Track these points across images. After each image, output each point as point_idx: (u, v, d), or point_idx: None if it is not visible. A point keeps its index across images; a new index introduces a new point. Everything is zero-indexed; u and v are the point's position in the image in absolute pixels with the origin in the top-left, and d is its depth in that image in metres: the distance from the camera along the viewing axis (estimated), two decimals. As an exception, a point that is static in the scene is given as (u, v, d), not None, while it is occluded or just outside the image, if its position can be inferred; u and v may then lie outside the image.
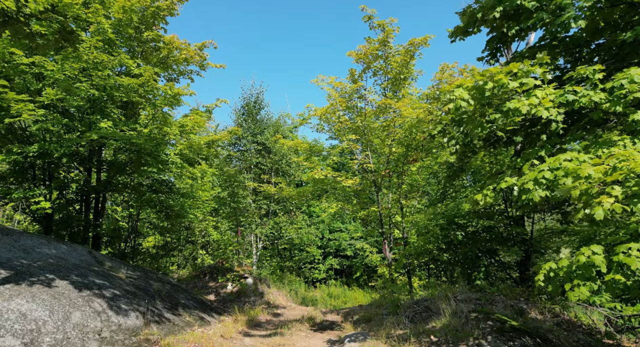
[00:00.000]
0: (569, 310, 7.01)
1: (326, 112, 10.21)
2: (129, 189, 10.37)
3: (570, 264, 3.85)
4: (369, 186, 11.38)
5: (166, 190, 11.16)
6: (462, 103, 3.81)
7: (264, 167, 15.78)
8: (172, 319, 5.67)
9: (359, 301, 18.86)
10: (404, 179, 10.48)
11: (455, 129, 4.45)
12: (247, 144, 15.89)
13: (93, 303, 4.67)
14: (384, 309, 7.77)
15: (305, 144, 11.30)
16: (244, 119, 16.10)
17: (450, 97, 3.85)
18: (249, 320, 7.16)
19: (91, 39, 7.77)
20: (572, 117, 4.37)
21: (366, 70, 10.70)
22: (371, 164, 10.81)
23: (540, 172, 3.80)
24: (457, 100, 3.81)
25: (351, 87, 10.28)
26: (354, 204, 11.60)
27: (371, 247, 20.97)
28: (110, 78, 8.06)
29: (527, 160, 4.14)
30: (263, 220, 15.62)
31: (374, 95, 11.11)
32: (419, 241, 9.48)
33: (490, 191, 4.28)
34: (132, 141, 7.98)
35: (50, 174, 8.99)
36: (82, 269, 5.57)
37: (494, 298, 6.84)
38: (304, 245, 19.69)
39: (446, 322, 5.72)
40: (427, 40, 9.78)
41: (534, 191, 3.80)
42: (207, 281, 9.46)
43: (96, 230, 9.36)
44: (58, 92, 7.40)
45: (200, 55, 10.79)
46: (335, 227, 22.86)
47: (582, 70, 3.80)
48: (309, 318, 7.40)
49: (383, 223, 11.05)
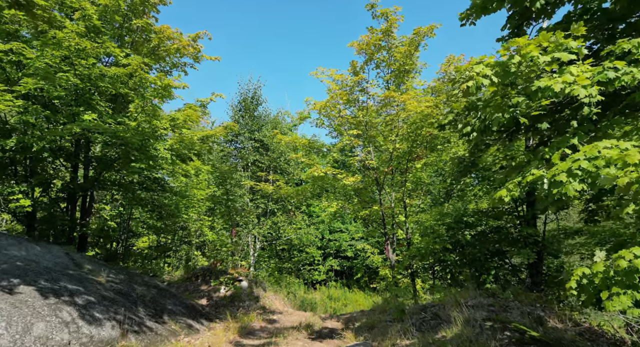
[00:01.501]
0: (586, 316, 6.47)
1: (326, 106, 9.66)
2: (118, 186, 9.82)
3: (607, 270, 3.32)
4: (370, 184, 10.83)
5: (159, 188, 10.62)
6: (484, 81, 3.26)
7: (262, 165, 15.22)
8: (154, 328, 5.12)
9: (359, 304, 18.29)
10: (408, 176, 9.93)
11: (472, 113, 3.91)
12: (244, 141, 15.32)
13: (61, 312, 4.12)
14: (388, 315, 7.23)
15: (304, 140, 10.75)
16: (240, 115, 15.54)
17: (469, 74, 3.31)
18: (242, 327, 6.61)
19: (73, 25, 7.23)
20: (607, 101, 3.83)
21: (368, 62, 10.16)
22: (373, 161, 10.26)
23: (575, 161, 3.25)
24: (478, 77, 3.27)
25: (352, 79, 9.73)
26: (355, 203, 11.05)
27: (372, 248, 20.41)
28: (95, 67, 7.53)
29: (556, 150, 3.59)
30: (261, 220, 15.06)
31: (376, 88, 10.57)
32: (423, 242, 8.93)
33: (514, 185, 3.73)
34: (118, 135, 7.44)
35: (32, 170, 8.46)
36: (55, 272, 5.02)
37: (507, 304, 6.28)
38: (303, 246, 19.14)
39: (458, 331, 5.18)
40: (433, 29, 9.25)
41: (568, 184, 3.25)
42: (200, 284, 8.92)
43: (82, 230, 8.80)
44: (37, 81, 6.85)
45: (194, 47, 10.27)
46: (335, 227, 22.33)
47: (625, 44, 3.26)
48: (306, 325, 6.85)
49: (385, 223, 10.49)
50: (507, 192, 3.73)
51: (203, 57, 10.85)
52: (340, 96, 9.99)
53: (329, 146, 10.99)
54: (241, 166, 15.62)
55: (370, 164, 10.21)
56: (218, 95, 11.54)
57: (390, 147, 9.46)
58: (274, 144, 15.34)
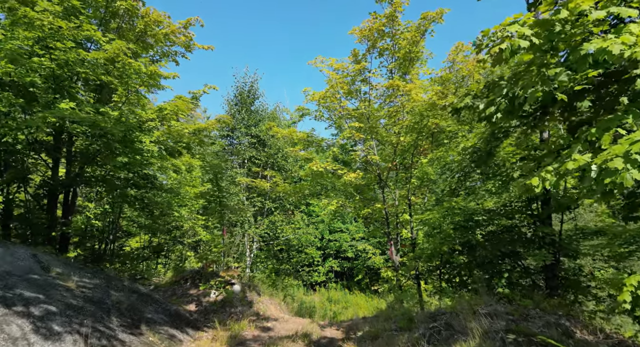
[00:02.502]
0: (617, 327, 5.82)
1: (325, 96, 9.00)
2: (102, 183, 9.17)
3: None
4: (372, 181, 10.17)
5: (148, 185, 9.98)
6: (521, 43, 2.61)
7: (258, 161, 14.54)
8: (128, 341, 4.46)
9: (360, 307, 17.61)
10: (413, 172, 9.26)
11: (496, 91, 3.25)
12: (240, 136, 14.65)
13: (10, 326, 3.47)
14: (393, 322, 6.57)
15: (302, 134, 10.09)
16: (237, 110, 14.86)
17: (503, 35, 2.65)
18: (232, 337, 5.96)
19: (48, 3, 6.58)
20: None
21: (371, 50, 9.49)
22: (376, 155, 9.61)
23: (634, 144, 2.61)
24: (514, 39, 2.61)
25: (354, 68, 9.07)
26: (356, 200, 10.39)
27: (374, 248, 19.76)
28: (72, 51, 6.87)
29: (606, 131, 2.94)
30: (257, 219, 14.40)
31: (379, 78, 9.91)
32: (430, 242, 8.28)
33: (550, 173, 3.08)
34: (97, 125, 6.79)
35: (6, 163, 7.81)
36: (13, 277, 4.36)
37: (527, 312, 5.63)
38: (302, 246, 18.48)
39: (476, 345, 4.53)
40: (442, 14, 8.59)
41: (624, 171, 2.61)
42: (189, 288, 8.27)
43: (62, 229, 8.16)
44: (4, 64, 6.20)
45: (186, 35, 9.63)
46: (335, 227, 21.70)
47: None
48: (303, 335, 6.20)
49: (389, 222, 9.84)
50: (538, 181, 3.08)
51: (195, 45, 10.22)
52: (340, 87, 9.34)
53: (329, 140, 10.30)
54: (237, 163, 14.95)
55: (373, 160, 9.56)
56: (211, 87, 10.88)
57: (395, 140, 8.81)
58: (271, 139, 14.66)
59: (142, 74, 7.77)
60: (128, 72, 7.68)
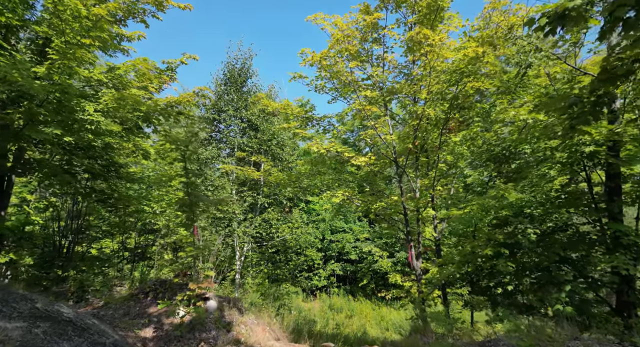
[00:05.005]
0: None
1: (328, 56, 6.98)
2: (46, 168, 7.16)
3: None
4: (387, 167, 8.16)
5: (110, 173, 8.01)
6: None
7: (249, 149, 12.49)
8: None
9: (366, 316, 15.61)
10: (442, 154, 7.24)
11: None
12: (228, 119, 12.58)
13: None
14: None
15: (299, 108, 8.08)
16: (224, 90, 12.80)
17: None
18: (190, 387, 3.95)
19: None
20: None
21: (386, 2, 7.50)
22: (391, 134, 7.60)
23: None
24: None
25: (366, 20, 7.05)
26: (367, 192, 8.36)
27: (381, 250, 17.77)
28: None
29: None
30: (248, 217, 12.37)
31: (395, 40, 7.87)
32: (468, 244, 6.28)
33: None
34: (7, 80, 4.80)
35: None
36: None
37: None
38: (300, 248, 16.49)
39: None
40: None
41: None
42: (148, 304, 6.26)
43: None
44: None
45: (156, -12, 7.65)
46: (337, 226, 19.76)
47: None
48: (298, 382, 4.18)
49: (408, 219, 7.82)
50: None
51: (169, 3, 8.22)
52: (348, 49, 7.32)
53: (333, 116, 8.22)
54: (225, 152, 12.91)
55: (387, 140, 7.55)
56: (191, 57, 8.85)
57: (419, 110, 6.77)
58: (265, 124, 12.60)
59: (83, 16, 5.77)
60: (63, 16, 5.67)
